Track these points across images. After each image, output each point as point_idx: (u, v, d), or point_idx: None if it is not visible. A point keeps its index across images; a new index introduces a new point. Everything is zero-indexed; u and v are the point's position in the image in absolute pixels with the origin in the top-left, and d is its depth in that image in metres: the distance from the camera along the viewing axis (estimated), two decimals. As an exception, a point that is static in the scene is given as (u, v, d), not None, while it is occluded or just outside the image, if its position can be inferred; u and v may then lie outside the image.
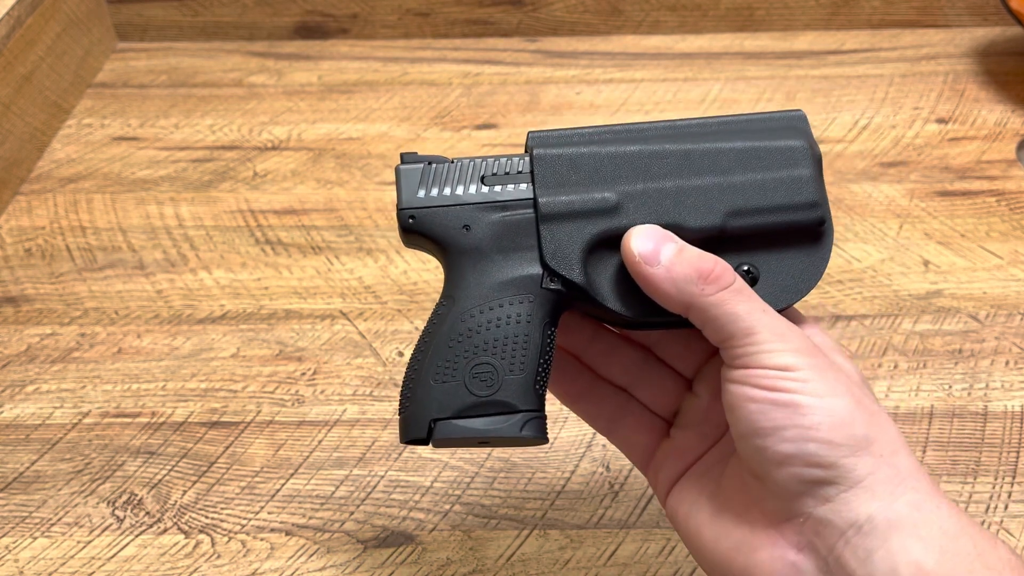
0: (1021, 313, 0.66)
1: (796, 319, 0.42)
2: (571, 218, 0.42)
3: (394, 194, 0.78)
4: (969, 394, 0.60)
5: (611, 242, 0.41)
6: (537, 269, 0.41)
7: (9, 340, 0.67)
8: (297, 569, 0.53)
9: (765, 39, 0.95)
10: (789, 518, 0.38)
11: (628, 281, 0.41)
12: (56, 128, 0.87)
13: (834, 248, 0.70)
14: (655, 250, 0.39)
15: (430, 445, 0.41)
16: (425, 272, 0.71)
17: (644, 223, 0.41)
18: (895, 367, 0.62)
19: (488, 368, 0.41)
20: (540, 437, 0.41)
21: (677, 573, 0.52)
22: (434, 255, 0.44)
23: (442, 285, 0.69)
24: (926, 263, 0.70)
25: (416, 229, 0.42)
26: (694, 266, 0.39)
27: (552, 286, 0.41)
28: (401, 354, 0.65)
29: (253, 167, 0.82)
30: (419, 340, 0.42)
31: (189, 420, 0.61)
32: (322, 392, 0.63)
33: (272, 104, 0.90)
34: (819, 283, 0.68)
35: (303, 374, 0.64)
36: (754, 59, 0.93)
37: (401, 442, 0.42)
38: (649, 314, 0.41)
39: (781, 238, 0.42)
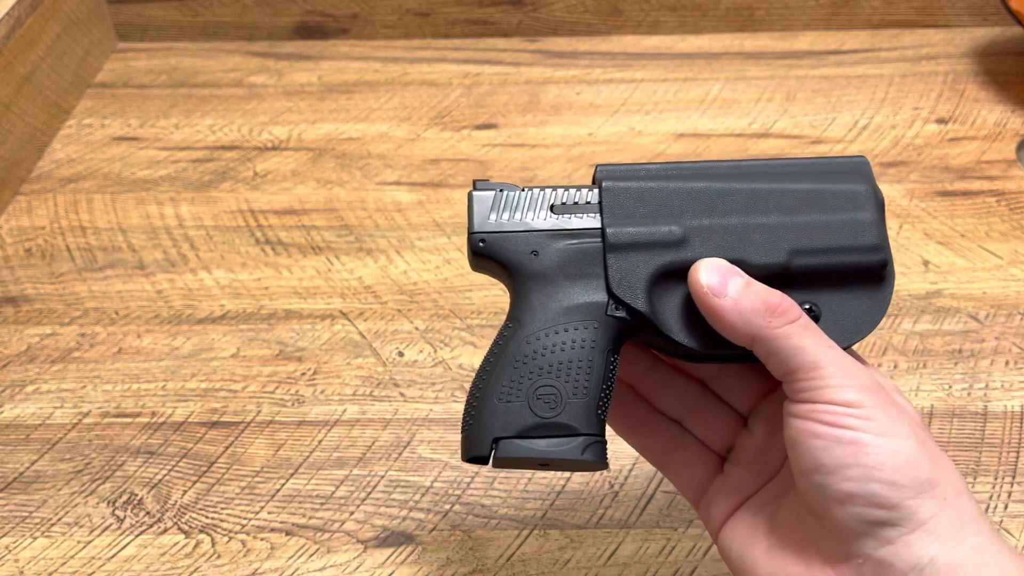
0: (1021, 313, 0.66)
1: (857, 360, 0.43)
2: (638, 249, 0.43)
3: (395, 194, 0.78)
4: (969, 394, 0.60)
5: (676, 274, 0.42)
6: (603, 296, 0.42)
7: (9, 340, 0.67)
8: (297, 569, 0.53)
9: (765, 39, 0.95)
10: (848, 558, 0.37)
11: (692, 313, 0.42)
12: (56, 128, 0.87)
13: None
14: (722, 282, 0.40)
15: (490, 464, 0.41)
16: (425, 272, 0.71)
17: (709, 257, 0.42)
18: (895, 367, 0.62)
19: (552, 390, 0.41)
20: (601, 462, 0.42)
21: (677, 573, 0.52)
22: (501, 279, 0.44)
23: (443, 285, 0.69)
24: (926, 263, 0.70)
25: (486, 253, 0.43)
26: (761, 299, 0.39)
27: (617, 314, 0.42)
28: (401, 354, 0.65)
29: (253, 167, 0.82)
30: (483, 360, 0.43)
31: (189, 420, 0.61)
32: (322, 392, 0.63)
33: (272, 104, 0.90)
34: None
35: (303, 374, 0.64)
36: (754, 59, 0.93)
37: (463, 459, 0.42)
38: (713, 346, 0.42)
39: (843, 278, 0.43)
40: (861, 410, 0.37)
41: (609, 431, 0.49)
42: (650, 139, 0.83)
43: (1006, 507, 0.54)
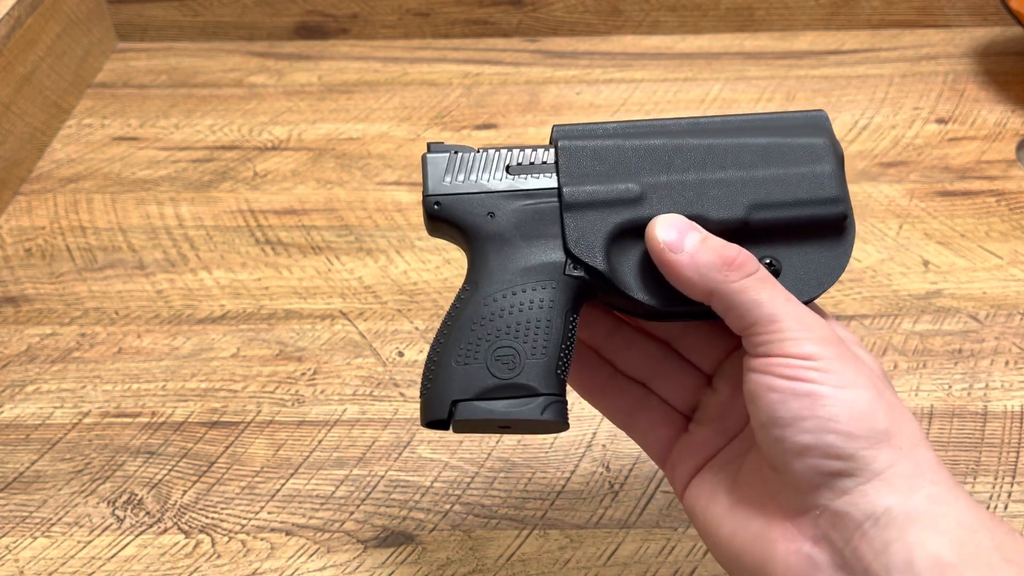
0: (1021, 313, 0.66)
1: (818, 314, 0.42)
2: (595, 207, 0.42)
3: (395, 194, 0.78)
4: (969, 394, 0.60)
5: (634, 232, 0.42)
6: (560, 256, 0.42)
7: (9, 340, 0.67)
8: (297, 569, 0.53)
9: (765, 39, 0.96)
10: (806, 511, 0.37)
11: (650, 270, 0.41)
12: (56, 128, 0.87)
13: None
14: (679, 238, 0.40)
15: (450, 428, 0.41)
16: (425, 272, 0.71)
17: (667, 213, 0.41)
18: (895, 367, 0.62)
19: (510, 351, 0.41)
20: (561, 421, 0.41)
21: (677, 573, 0.52)
22: (458, 243, 0.44)
23: (443, 285, 0.69)
24: (926, 263, 0.70)
25: (441, 216, 0.43)
26: (718, 253, 0.39)
27: (575, 273, 0.42)
28: (401, 354, 0.65)
29: (253, 167, 0.82)
30: (442, 324, 0.42)
31: (189, 420, 0.61)
32: (322, 392, 0.63)
33: (272, 104, 0.90)
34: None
35: (303, 374, 0.64)
36: (754, 59, 0.93)
37: (422, 424, 0.41)
38: (671, 303, 0.42)
39: (803, 232, 0.42)
40: (818, 362, 0.37)
41: (609, 426, 0.49)
42: (650, 139, 0.83)
43: (1006, 507, 0.54)
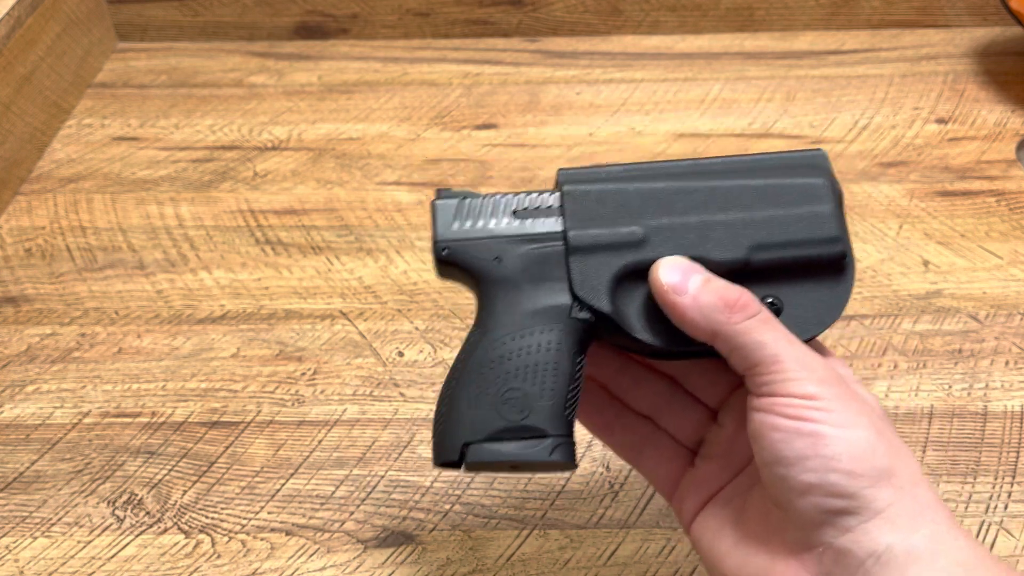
0: (1021, 313, 0.66)
1: (819, 351, 0.43)
2: (599, 251, 0.43)
3: (395, 194, 0.78)
4: (969, 394, 0.60)
5: (638, 274, 0.42)
6: (566, 299, 0.43)
7: (9, 340, 0.67)
8: (297, 569, 0.53)
9: (765, 39, 0.95)
10: (809, 547, 0.38)
11: (655, 311, 0.42)
12: (56, 128, 0.87)
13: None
14: (682, 280, 0.40)
15: (463, 469, 0.42)
16: (425, 272, 0.71)
17: (670, 256, 0.42)
18: (895, 367, 0.62)
19: (519, 393, 0.41)
20: (569, 462, 0.42)
21: (677, 573, 0.52)
22: (467, 286, 0.45)
23: (443, 285, 0.69)
24: (926, 263, 0.70)
25: (450, 260, 0.44)
26: (720, 295, 0.40)
27: (581, 315, 0.42)
28: (401, 354, 0.65)
29: (253, 167, 0.82)
30: (452, 367, 0.43)
31: (189, 420, 0.61)
32: (322, 392, 0.63)
33: (272, 104, 0.90)
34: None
35: (303, 374, 0.64)
36: (754, 59, 0.93)
37: (434, 465, 0.42)
38: (676, 343, 0.42)
39: (804, 271, 0.43)
40: (820, 402, 0.38)
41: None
42: (650, 139, 0.83)
43: (1006, 507, 0.54)
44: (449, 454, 0.42)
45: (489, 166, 0.81)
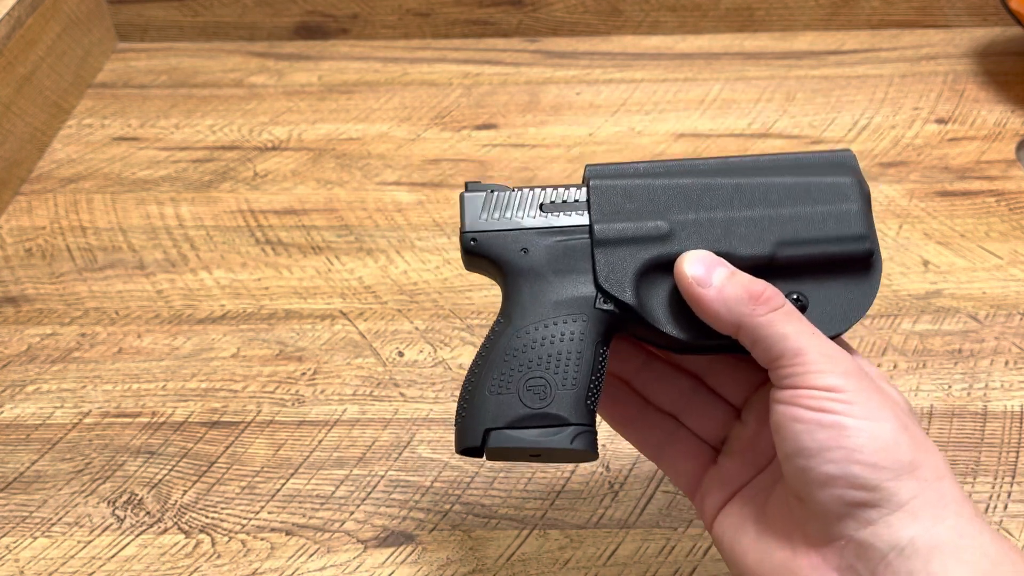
0: (1021, 313, 0.66)
1: (846, 351, 0.43)
2: (625, 244, 0.43)
3: (395, 194, 0.78)
4: (969, 394, 0.60)
5: (663, 268, 0.43)
6: (591, 290, 0.43)
7: (9, 340, 0.67)
8: (297, 569, 0.53)
9: (765, 39, 0.96)
10: (831, 541, 0.38)
11: (679, 305, 0.42)
12: (56, 128, 0.87)
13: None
14: (707, 273, 0.41)
15: (484, 456, 0.42)
16: (425, 272, 0.71)
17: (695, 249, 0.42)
18: (895, 367, 0.62)
19: (542, 382, 0.42)
20: (590, 451, 0.42)
21: (677, 573, 0.52)
22: (493, 277, 0.45)
23: (443, 285, 0.69)
24: (926, 263, 0.70)
25: (477, 251, 0.44)
26: (745, 288, 0.40)
27: (605, 307, 0.43)
28: (401, 354, 0.65)
29: (253, 167, 0.82)
30: (476, 355, 0.44)
31: (189, 420, 0.62)
32: (322, 392, 0.63)
33: (272, 104, 0.90)
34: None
35: (303, 374, 0.64)
36: (754, 59, 0.93)
37: (456, 451, 0.43)
38: (700, 336, 0.42)
39: (830, 268, 0.43)
40: (843, 394, 0.38)
41: (607, 429, 0.49)
42: (650, 139, 0.83)
43: (1006, 507, 0.54)
44: (471, 439, 0.42)
45: (489, 166, 0.81)
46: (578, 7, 0.96)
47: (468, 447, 0.42)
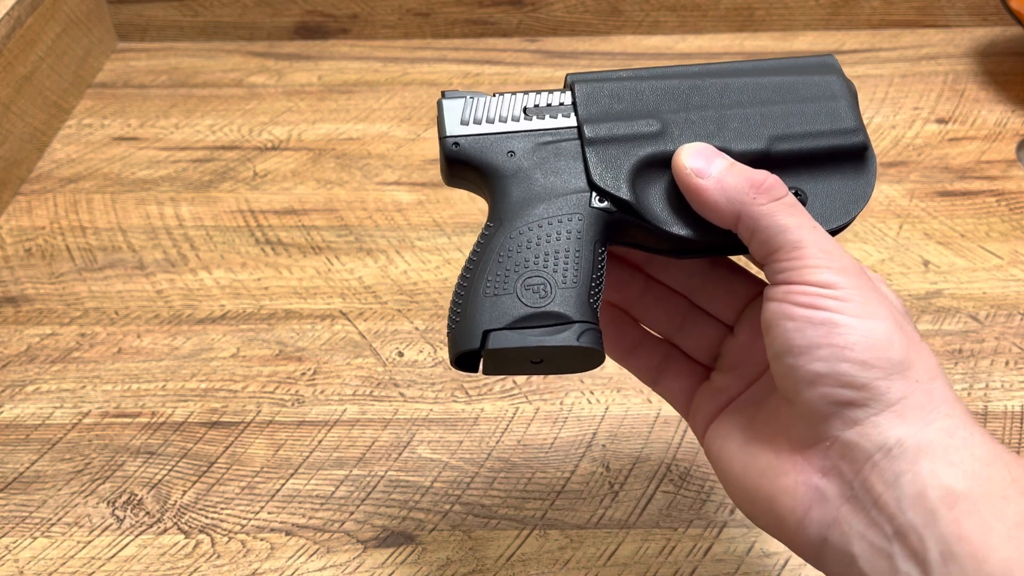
0: (1021, 313, 0.66)
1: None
2: (617, 142, 0.42)
3: (395, 194, 0.78)
4: (969, 394, 0.60)
5: (657, 165, 0.42)
6: (585, 188, 0.41)
7: (9, 340, 0.67)
8: (297, 569, 0.53)
9: (765, 39, 0.95)
10: (816, 442, 0.37)
11: (676, 200, 0.41)
12: (56, 128, 0.87)
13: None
14: (706, 164, 0.40)
15: (481, 365, 0.40)
16: (425, 272, 0.71)
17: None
18: (895, 367, 0.62)
19: (540, 280, 0.40)
20: (598, 348, 0.40)
21: (677, 573, 0.52)
22: (477, 187, 0.43)
23: (443, 285, 0.69)
24: (926, 263, 0.70)
25: (460, 157, 0.42)
26: (746, 177, 0.39)
27: (600, 205, 0.41)
28: (401, 354, 0.65)
29: (253, 167, 0.82)
30: (467, 261, 0.41)
31: (189, 420, 0.61)
32: (322, 392, 0.63)
33: (272, 104, 0.90)
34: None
35: (303, 374, 0.64)
36: (754, 59, 0.93)
37: (451, 362, 0.40)
38: (698, 232, 0.41)
39: (825, 162, 0.42)
40: (837, 291, 0.37)
41: (608, 428, 0.49)
42: (650, 139, 0.83)
43: (1006, 507, 0.54)
44: (468, 342, 0.39)
45: (489, 166, 0.81)
46: (578, 7, 0.96)
47: (465, 350, 0.39)
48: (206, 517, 0.56)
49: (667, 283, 0.47)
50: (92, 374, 0.65)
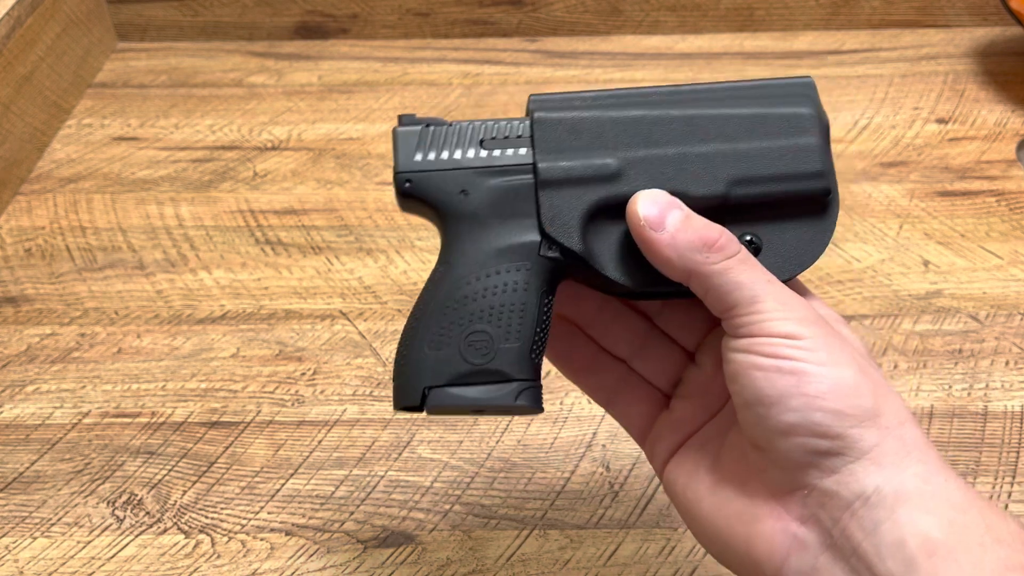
0: (1021, 313, 0.66)
1: (800, 292, 0.42)
2: (571, 184, 0.41)
3: (393, 194, 0.78)
4: (969, 394, 0.60)
5: (611, 210, 0.41)
6: (535, 236, 0.41)
7: (9, 340, 0.67)
8: (297, 569, 0.53)
9: (765, 39, 0.95)
10: (793, 490, 0.37)
11: (628, 248, 0.40)
12: (56, 128, 0.87)
13: (834, 248, 0.71)
14: (660, 215, 0.39)
15: (424, 413, 0.40)
16: (425, 272, 0.71)
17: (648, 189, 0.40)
18: (895, 367, 0.62)
19: (483, 336, 0.40)
20: (535, 407, 0.40)
21: (677, 573, 0.52)
22: (431, 220, 0.43)
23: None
24: (926, 263, 0.70)
25: (412, 194, 0.42)
26: (699, 234, 0.38)
27: (550, 254, 0.41)
28: (401, 354, 0.65)
29: (253, 167, 0.82)
30: (415, 305, 0.41)
31: (189, 420, 0.61)
32: (322, 392, 0.63)
33: (272, 104, 0.90)
34: (819, 281, 0.68)
35: (303, 374, 0.64)
36: (754, 59, 0.93)
37: (394, 409, 0.41)
38: (649, 284, 0.41)
39: (785, 208, 0.41)
40: (802, 341, 0.36)
41: (608, 429, 0.49)
42: (650, 139, 0.83)
43: (1006, 507, 0.54)
44: (410, 399, 0.40)
45: (489, 166, 0.81)
46: (578, 7, 0.96)
47: (406, 406, 0.40)
48: (206, 517, 0.56)
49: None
50: (92, 374, 0.65)
